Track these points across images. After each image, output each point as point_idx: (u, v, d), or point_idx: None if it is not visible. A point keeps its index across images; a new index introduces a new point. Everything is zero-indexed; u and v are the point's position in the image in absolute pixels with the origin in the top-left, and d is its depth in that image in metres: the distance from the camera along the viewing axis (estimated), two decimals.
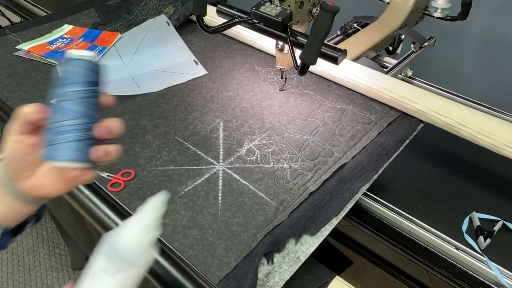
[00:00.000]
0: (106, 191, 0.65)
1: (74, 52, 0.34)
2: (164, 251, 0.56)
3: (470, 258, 0.62)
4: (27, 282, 1.07)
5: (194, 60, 0.98)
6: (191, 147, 0.74)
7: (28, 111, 0.34)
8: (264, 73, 0.94)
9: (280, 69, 0.82)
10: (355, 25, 1.06)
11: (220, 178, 0.68)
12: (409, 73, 0.98)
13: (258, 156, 0.73)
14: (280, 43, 0.75)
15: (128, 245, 0.32)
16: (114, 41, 1.03)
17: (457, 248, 0.63)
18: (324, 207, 0.63)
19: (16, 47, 1.01)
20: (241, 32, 1.02)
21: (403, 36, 1.01)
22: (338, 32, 1.06)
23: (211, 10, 0.88)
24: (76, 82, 0.33)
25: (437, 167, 0.78)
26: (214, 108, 0.84)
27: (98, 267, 0.32)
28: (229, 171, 0.69)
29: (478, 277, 0.61)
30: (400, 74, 0.95)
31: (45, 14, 1.26)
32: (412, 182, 0.75)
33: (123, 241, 0.32)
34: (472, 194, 0.72)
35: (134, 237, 0.32)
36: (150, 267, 0.55)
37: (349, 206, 0.64)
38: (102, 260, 0.32)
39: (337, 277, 0.76)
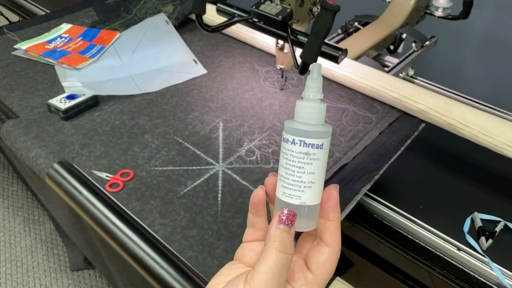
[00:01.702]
0: (105, 191, 0.64)
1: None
2: (163, 252, 0.56)
3: (472, 259, 0.61)
4: (25, 283, 1.06)
5: (194, 59, 0.97)
6: (191, 147, 0.74)
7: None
8: (264, 72, 0.94)
9: (280, 68, 0.81)
10: (356, 24, 1.06)
11: (220, 178, 0.68)
12: (411, 72, 0.97)
13: (258, 156, 0.72)
14: (280, 42, 0.75)
15: (312, 118, 0.31)
16: (113, 40, 1.02)
17: (458, 249, 0.63)
18: None
19: (14, 46, 1.01)
20: (240, 31, 1.01)
21: (404, 35, 1.00)
22: (339, 31, 1.05)
23: (210, 8, 0.88)
24: None
25: (438, 167, 0.78)
26: (213, 108, 0.83)
27: (298, 154, 0.31)
28: (229, 172, 0.69)
29: (479, 278, 0.61)
30: (401, 73, 0.94)
31: (43, 13, 1.26)
32: (413, 183, 0.74)
33: (308, 117, 0.31)
34: (473, 195, 0.72)
35: (315, 112, 0.31)
36: (149, 268, 0.55)
37: (350, 206, 0.63)
38: (298, 145, 0.30)
39: (337, 278, 0.75)
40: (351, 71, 0.84)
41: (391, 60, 1.00)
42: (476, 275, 0.61)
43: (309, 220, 0.31)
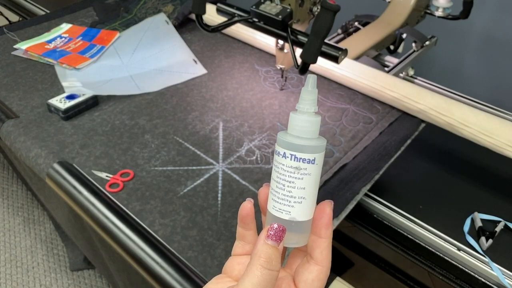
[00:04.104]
0: (105, 191, 0.64)
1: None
2: (163, 253, 0.56)
3: (472, 259, 0.61)
4: (25, 283, 1.06)
5: (194, 59, 0.97)
6: (191, 147, 0.74)
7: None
8: (264, 72, 0.94)
9: (280, 68, 0.81)
10: (356, 23, 1.05)
11: (220, 178, 0.68)
12: (411, 72, 0.97)
13: (258, 156, 0.72)
14: (280, 42, 0.75)
15: (306, 132, 0.30)
16: (113, 40, 1.02)
17: (458, 249, 0.63)
18: None
19: (14, 46, 1.01)
20: (240, 31, 1.01)
21: (404, 35, 1.00)
22: (339, 31, 1.05)
23: (210, 8, 0.88)
24: None
25: (438, 167, 0.78)
26: (213, 108, 0.83)
27: (289, 168, 0.30)
28: (229, 172, 0.69)
29: (479, 278, 0.61)
30: (401, 73, 0.94)
31: (43, 13, 1.26)
32: (413, 183, 0.74)
33: (301, 130, 0.30)
34: (473, 195, 0.72)
35: (309, 125, 0.31)
36: (149, 268, 0.55)
37: (350, 207, 0.63)
38: (289, 159, 0.29)
39: (337, 278, 0.75)
40: (351, 71, 0.84)
41: (391, 60, 1.00)
42: (476, 275, 0.61)
43: (299, 236, 0.30)
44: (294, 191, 0.30)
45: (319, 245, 0.30)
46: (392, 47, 1.03)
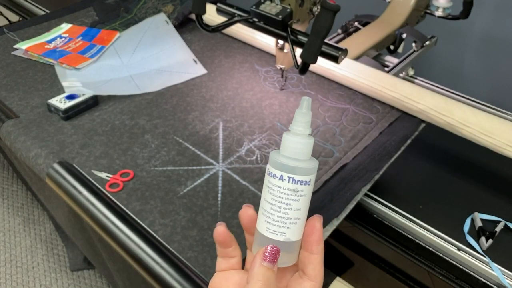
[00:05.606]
0: (105, 191, 0.64)
1: None
2: (163, 253, 0.56)
3: (472, 259, 0.61)
4: (25, 283, 1.06)
5: (194, 59, 0.97)
6: (191, 147, 0.74)
7: None
8: (264, 72, 0.94)
9: (280, 68, 0.81)
10: (356, 23, 1.05)
11: (220, 178, 0.68)
12: (411, 72, 0.97)
13: (258, 156, 0.72)
14: (280, 42, 0.75)
15: (301, 153, 0.30)
16: (113, 40, 1.02)
17: (458, 249, 0.63)
18: (325, 207, 0.63)
19: (14, 46, 1.01)
20: (240, 30, 1.01)
21: (404, 35, 1.00)
22: (339, 31, 1.05)
23: (210, 8, 0.88)
24: None
25: (438, 167, 0.78)
26: (213, 108, 0.83)
27: (284, 190, 0.30)
28: (229, 172, 0.69)
29: (479, 278, 0.61)
30: (401, 73, 0.94)
31: (43, 13, 1.26)
32: (413, 183, 0.74)
33: (297, 152, 0.30)
34: (474, 195, 0.72)
35: (304, 147, 0.30)
36: (149, 268, 0.55)
37: (350, 207, 0.63)
38: (286, 181, 0.29)
39: (337, 278, 0.75)
40: (351, 71, 0.84)
41: (391, 60, 1.00)
42: (476, 275, 0.61)
43: (290, 255, 0.31)
44: (290, 213, 0.30)
45: (311, 261, 0.30)
46: (392, 47, 1.04)
